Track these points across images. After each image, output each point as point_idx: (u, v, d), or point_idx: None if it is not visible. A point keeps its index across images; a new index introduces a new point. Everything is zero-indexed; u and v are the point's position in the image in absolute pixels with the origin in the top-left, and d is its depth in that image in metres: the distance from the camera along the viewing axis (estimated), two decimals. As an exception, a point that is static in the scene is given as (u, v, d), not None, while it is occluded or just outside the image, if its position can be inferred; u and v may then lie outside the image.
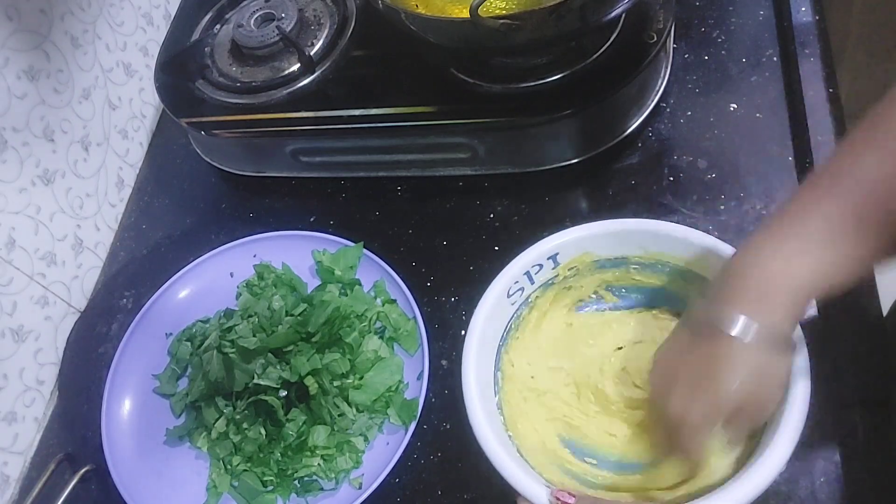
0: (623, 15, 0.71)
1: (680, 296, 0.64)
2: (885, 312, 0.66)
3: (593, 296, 0.68)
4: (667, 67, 0.81)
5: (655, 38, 0.75)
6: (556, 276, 0.65)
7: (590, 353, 0.65)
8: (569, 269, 0.65)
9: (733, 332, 0.47)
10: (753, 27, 0.84)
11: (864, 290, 0.66)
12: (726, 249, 0.59)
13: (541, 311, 0.66)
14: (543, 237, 0.64)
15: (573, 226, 0.65)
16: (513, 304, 0.64)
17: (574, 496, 0.49)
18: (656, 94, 0.80)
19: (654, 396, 0.55)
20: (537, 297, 0.65)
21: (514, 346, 0.65)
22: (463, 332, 0.72)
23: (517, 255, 0.64)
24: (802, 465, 0.60)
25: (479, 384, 0.58)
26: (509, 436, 0.60)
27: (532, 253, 0.63)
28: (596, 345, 0.65)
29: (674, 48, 0.83)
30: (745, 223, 0.72)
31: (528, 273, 0.63)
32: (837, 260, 0.47)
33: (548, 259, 0.64)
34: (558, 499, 0.49)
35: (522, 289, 0.64)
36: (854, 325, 0.64)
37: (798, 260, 0.47)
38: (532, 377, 0.64)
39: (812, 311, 0.65)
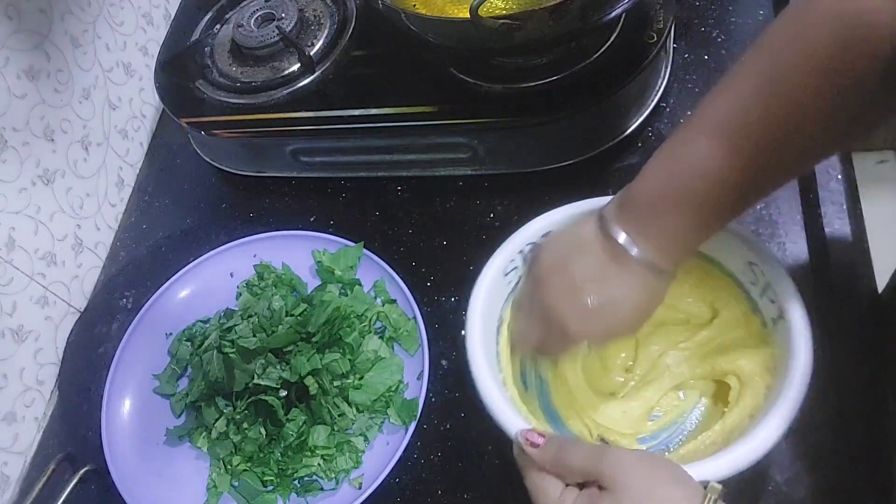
0: (623, 15, 0.71)
1: None
2: (880, 289, 0.67)
3: None
4: (667, 67, 0.81)
5: (655, 38, 0.75)
6: None
7: None
8: None
9: (623, 246, 0.52)
10: (753, 27, 0.84)
11: (860, 268, 0.66)
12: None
13: None
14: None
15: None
16: (509, 283, 0.63)
17: (543, 437, 0.50)
18: (656, 94, 0.80)
19: (537, 278, 0.58)
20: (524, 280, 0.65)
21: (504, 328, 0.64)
22: (463, 332, 0.73)
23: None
24: (803, 464, 0.60)
25: (486, 355, 0.58)
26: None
27: (526, 231, 0.63)
28: None
29: (674, 48, 0.83)
30: (745, 223, 0.72)
31: (522, 252, 0.63)
32: (710, 210, 0.50)
33: (542, 237, 0.63)
34: (527, 439, 0.50)
35: (517, 267, 0.63)
36: (850, 303, 0.64)
37: (675, 211, 0.51)
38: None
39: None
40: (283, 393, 0.69)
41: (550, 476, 0.49)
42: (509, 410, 0.54)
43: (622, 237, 0.52)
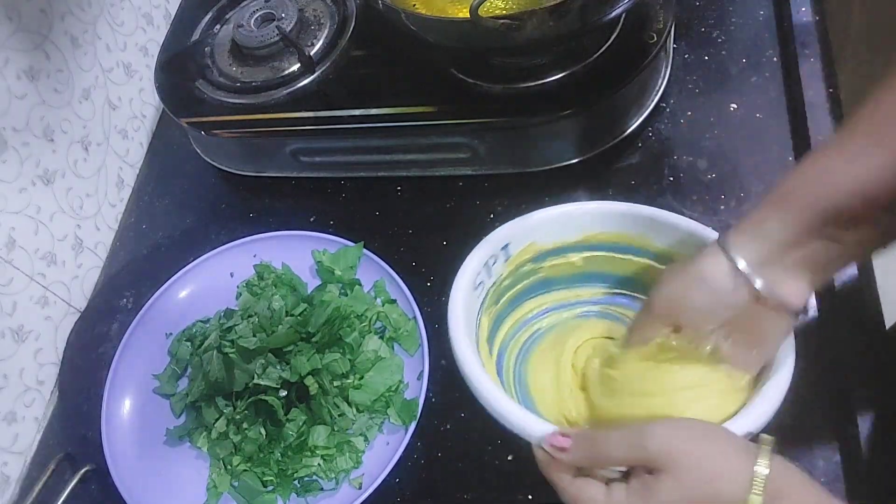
0: (623, 15, 0.71)
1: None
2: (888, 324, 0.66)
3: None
4: (667, 67, 0.81)
5: (655, 38, 0.75)
6: (500, 277, 0.64)
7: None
8: (510, 270, 0.64)
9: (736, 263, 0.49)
10: (753, 27, 0.84)
11: (867, 298, 0.66)
12: (668, 217, 0.60)
13: (490, 316, 0.65)
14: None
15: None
16: (478, 298, 0.63)
17: (569, 437, 0.46)
18: (656, 94, 0.80)
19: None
20: (490, 299, 0.64)
21: (483, 346, 0.64)
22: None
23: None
24: (802, 465, 0.59)
25: (479, 363, 0.57)
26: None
27: (486, 245, 0.63)
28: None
29: (674, 48, 0.83)
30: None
31: (486, 264, 0.63)
32: (824, 251, 0.47)
33: (501, 250, 0.63)
34: (553, 445, 0.46)
35: (482, 282, 0.63)
36: (856, 333, 0.64)
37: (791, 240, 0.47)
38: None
39: (812, 312, 0.66)
40: (283, 393, 0.69)
41: (588, 480, 0.46)
42: (526, 414, 0.52)
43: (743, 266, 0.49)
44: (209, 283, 0.81)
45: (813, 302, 0.67)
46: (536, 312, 0.68)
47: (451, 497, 0.66)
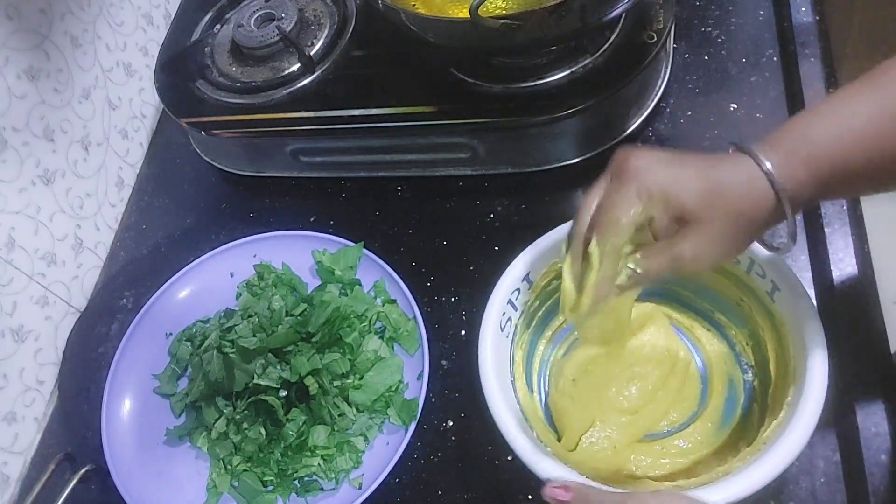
0: (623, 15, 0.71)
1: None
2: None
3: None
4: (667, 67, 0.81)
5: (655, 38, 0.75)
6: (527, 304, 0.64)
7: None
8: (536, 294, 0.64)
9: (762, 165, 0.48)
10: (753, 27, 0.84)
11: (860, 268, 0.66)
12: None
13: (523, 347, 0.65)
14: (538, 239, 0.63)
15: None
16: (507, 338, 0.62)
17: (568, 490, 0.49)
18: (656, 94, 0.80)
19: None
20: (521, 328, 0.64)
21: (520, 379, 0.63)
22: (463, 332, 0.73)
23: (517, 254, 0.63)
24: (802, 465, 0.60)
25: (510, 408, 0.57)
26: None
27: (507, 280, 0.62)
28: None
29: (674, 48, 0.83)
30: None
31: (510, 301, 0.62)
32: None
33: (522, 281, 0.62)
34: (553, 497, 0.49)
35: (510, 318, 0.62)
36: (857, 335, 0.64)
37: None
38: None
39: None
40: (283, 393, 0.69)
41: None
42: (541, 458, 0.53)
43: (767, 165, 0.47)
44: (209, 283, 0.81)
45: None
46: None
47: (451, 497, 0.66)
